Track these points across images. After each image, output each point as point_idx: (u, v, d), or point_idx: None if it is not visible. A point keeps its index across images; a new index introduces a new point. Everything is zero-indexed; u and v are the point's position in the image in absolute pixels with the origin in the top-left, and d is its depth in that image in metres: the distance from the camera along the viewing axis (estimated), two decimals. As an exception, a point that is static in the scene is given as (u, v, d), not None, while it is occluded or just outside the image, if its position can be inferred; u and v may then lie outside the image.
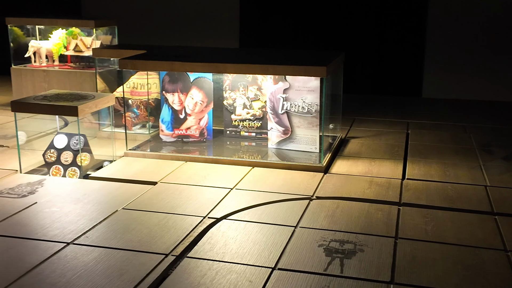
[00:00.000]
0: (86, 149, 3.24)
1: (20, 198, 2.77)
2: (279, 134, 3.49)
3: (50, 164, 3.24)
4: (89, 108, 3.14)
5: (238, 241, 2.34)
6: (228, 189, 2.95)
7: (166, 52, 3.85)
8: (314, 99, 3.37)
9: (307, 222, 2.54)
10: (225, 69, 3.31)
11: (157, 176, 3.13)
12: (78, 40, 4.62)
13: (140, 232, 2.40)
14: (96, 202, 2.74)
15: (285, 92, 3.40)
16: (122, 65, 3.38)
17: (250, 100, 3.55)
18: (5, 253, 2.19)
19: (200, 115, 3.55)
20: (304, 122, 3.42)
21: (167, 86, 3.55)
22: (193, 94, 3.51)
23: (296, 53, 4.01)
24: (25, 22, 4.89)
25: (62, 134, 3.27)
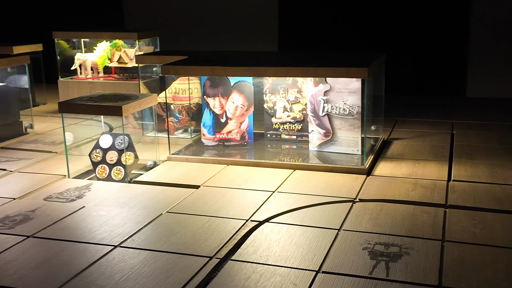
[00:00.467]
0: (130, 149, 3.31)
1: (68, 203, 2.86)
2: (320, 136, 3.48)
3: (96, 163, 3.33)
4: (133, 108, 3.21)
5: (281, 244, 2.34)
6: (270, 192, 2.96)
7: (207, 57, 3.89)
8: (356, 100, 3.34)
9: (351, 224, 2.52)
10: (265, 73, 3.32)
11: (200, 179, 3.16)
12: (122, 52, 4.74)
13: (185, 235, 2.44)
14: (141, 206, 2.80)
15: (326, 94, 3.38)
16: (164, 71, 3.44)
17: (291, 103, 3.55)
18: (56, 256, 2.26)
19: (241, 119, 3.58)
20: (346, 124, 3.39)
21: (208, 91, 3.59)
22: (233, 98, 3.54)
23: (336, 55, 3.98)
24: (71, 36, 5.05)
25: (107, 134, 3.36)
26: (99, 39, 4.93)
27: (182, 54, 3.94)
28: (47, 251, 2.30)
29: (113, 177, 3.26)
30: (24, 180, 3.21)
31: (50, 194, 2.99)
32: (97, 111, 3.24)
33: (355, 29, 5.89)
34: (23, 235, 2.45)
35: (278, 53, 5.46)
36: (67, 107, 3.24)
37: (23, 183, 3.16)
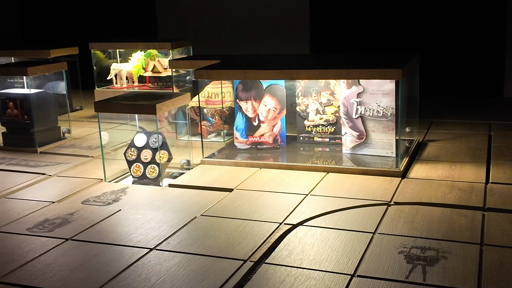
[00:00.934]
0: (164, 147, 3.36)
1: (105, 206, 2.91)
2: (353, 139, 3.44)
3: (131, 162, 3.39)
4: (167, 106, 3.25)
5: (316, 247, 2.33)
6: (303, 195, 2.95)
7: (239, 61, 3.91)
8: (390, 102, 3.29)
9: (386, 228, 2.49)
10: (298, 75, 3.31)
11: (233, 183, 3.18)
12: (156, 62, 4.82)
13: (219, 238, 2.45)
14: (176, 209, 2.83)
15: (359, 96, 3.34)
16: (197, 75, 3.48)
17: (323, 105, 3.53)
18: (94, 258, 2.31)
19: (273, 122, 3.58)
20: (379, 126, 3.35)
21: (240, 94, 3.61)
22: (266, 101, 3.54)
23: (369, 57, 3.94)
24: (107, 46, 5.18)
25: (142, 133, 3.42)
26: (134, 49, 5.03)
27: (215, 59, 3.97)
28: (85, 253, 2.35)
29: (148, 175, 3.32)
30: (63, 184, 3.29)
31: (88, 197, 3.05)
32: (131, 110, 3.30)
33: (388, 30, 5.83)
34: (62, 238, 2.51)
35: (310, 55, 5.44)
36: (103, 106, 3.31)
37: (61, 187, 3.24)
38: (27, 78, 4.06)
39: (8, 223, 2.71)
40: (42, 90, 4.19)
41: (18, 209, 2.91)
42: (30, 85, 4.06)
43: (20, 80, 4.69)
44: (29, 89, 4.04)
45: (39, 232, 2.59)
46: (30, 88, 4.05)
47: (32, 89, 4.10)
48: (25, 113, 3.97)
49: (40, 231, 2.60)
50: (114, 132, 4.32)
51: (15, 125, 4.06)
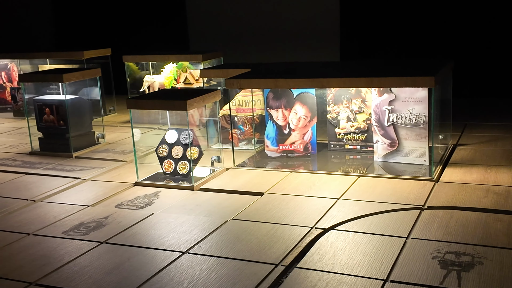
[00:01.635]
0: (195, 143, 3.39)
1: (138, 210, 2.96)
2: (385, 147, 3.39)
3: (162, 158, 3.44)
4: (197, 103, 3.29)
5: (347, 252, 2.31)
6: (335, 199, 2.94)
7: (269, 69, 3.92)
8: (422, 110, 3.23)
9: (419, 233, 2.45)
10: (328, 84, 3.30)
11: (264, 187, 3.19)
12: (188, 73, 4.88)
13: (250, 242, 2.46)
14: (208, 213, 2.85)
15: (391, 104, 3.30)
16: (228, 84, 3.51)
17: (354, 113, 3.49)
18: (127, 261, 2.34)
19: (304, 130, 3.57)
20: (412, 134, 3.29)
21: (271, 103, 3.61)
22: (296, 110, 3.53)
23: (401, 63, 3.89)
24: (140, 59, 5.28)
25: (173, 130, 3.47)
26: (166, 61, 5.11)
27: (245, 67, 3.99)
28: (119, 257, 2.39)
29: (179, 171, 3.36)
30: (97, 188, 3.36)
31: (121, 201, 3.11)
32: (163, 106, 3.35)
33: (420, 33, 5.75)
34: (96, 241, 2.57)
35: (340, 62, 5.39)
36: (135, 103, 3.37)
37: (96, 191, 3.30)
38: (62, 85, 4.15)
39: (45, 227, 2.78)
40: (77, 96, 4.29)
41: (54, 212, 2.98)
42: (65, 91, 4.15)
43: (55, 86, 4.82)
44: (65, 95, 4.13)
45: (75, 235, 2.64)
46: (66, 94, 4.14)
47: (68, 95, 4.19)
48: (61, 119, 4.06)
49: (75, 234, 2.66)
50: (146, 136, 4.38)
51: (51, 131, 4.16)
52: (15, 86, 5.91)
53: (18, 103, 5.82)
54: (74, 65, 5.59)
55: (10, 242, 2.60)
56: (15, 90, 5.85)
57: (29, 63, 5.81)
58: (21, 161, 4.04)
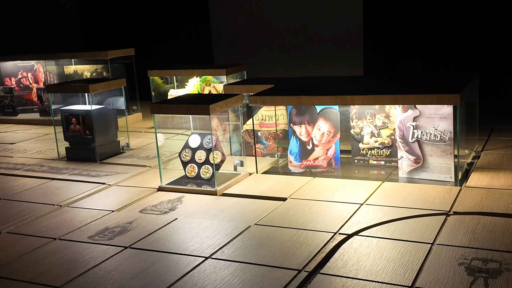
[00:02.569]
0: (217, 148, 3.40)
1: (162, 215, 2.98)
2: (410, 163, 3.33)
3: (185, 163, 3.46)
4: (220, 107, 3.30)
5: (371, 258, 2.29)
6: (358, 204, 2.91)
7: (293, 85, 3.89)
8: (447, 126, 3.16)
9: (445, 239, 2.41)
10: (352, 101, 3.28)
11: (287, 192, 3.18)
12: (211, 87, 4.92)
13: (273, 248, 2.46)
14: (231, 218, 2.86)
15: (415, 120, 3.24)
16: (252, 101, 3.53)
17: (378, 128, 3.44)
18: (151, 266, 2.36)
19: (328, 146, 3.53)
20: (437, 150, 3.22)
21: (294, 119, 3.60)
22: (320, 125, 3.51)
23: (425, 78, 3.84)
24: (165, 73, 5.35)
25: (196, 134, 3.49)
26: (190, 75, 5.16)
27: (268, 82, 4.00)
28: (144, 261, 2.41)
29: (202, 175, 3.38)
30: (122, 193, 3.39)
31: (145, 206, 3.14)
32: (186, 111, 3.38)
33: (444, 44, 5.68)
34: (121, 246, 2.59)
35: (363, 77, 5.32)
36: (159, 108, 3.41)
37: (120, 196, 3.34)
38: (88, 95, 4.22)
39: (71, 231, 2.82)
40: (103, 106, 4.35)
41: (80, 217, 3.02)
42: (91, 101, 4.22)
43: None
44: (91, 105, 4.19)
45: (100, 240, 2.68)
46: (92, 104, 4.21)
47: (94, 104, 4.25)
48: (87, 129, 4.13)
49: (100, 239, 2.70)
50: (171, 141, 4.42)
51: (77, 140, 4.23)
52: (41, 86, 6.04)
53: (44, 103, 5.94)
54: (98, 65, 5.69)
55: (37, 247, 2.65)
56: (41, 91, 5.98)
57: (55, 63, 5.93)
58: (48, 166, 4.11)
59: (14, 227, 2.93)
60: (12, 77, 6.21)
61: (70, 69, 5.87)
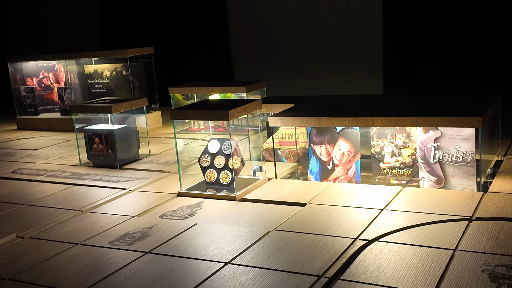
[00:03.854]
0: (236, 153, 3.41)
1: (182, 220, 2.99)
2: (431, 184, 3.27)
3: (205, 168, 3.48)
4: (239, 113, 3.31)
5: (392, 264, 2.26)
6: (379, 210, 2.89)
7: (313, 105, 3.86)
8: (470, 147, 3.10)
9: (468, 245, 2.38)
10: (373, 123, 3.27)
11: (306, 197, 3.17)
12: None
13: (293, 253, 2.45)
14: (250, 224, 2.86)
15: (437, 141, 3.20)
16: (272, 122, 3.54)
17: (399, 147, 3.39)
18: (172, 272, 2.37)
19: (348, 165, 3.50)
20: (459, 171, 3.16)
21: (314, 138, 3.58)
22: (340, 145, 3.49)
23: (447, 98, 3.78)
24: (185, 91, 5.40)
25: (215, 140, 3.50)
26: (210, 92, 5.19)
27: (288, 101, 4.00)
28: (163, 267, 2.42)
29: (221, 181, 3.39)
30: (142, 199, 3.42)
31: (165, 212, 3.15)
32: (205, 117, 3.40)
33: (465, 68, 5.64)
34: (141, 251, 2.61)
35: (383, 96, 5.24)
36: (178, 114, 3.43)
37: (141, 201, 3.37)
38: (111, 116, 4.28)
39: (92, 237, 2.85)
40: (125, 125, 4.41)
41: (101, 223, 3.05)
42: (113, 121, 4.28)
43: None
44: (113, 124, 4.26)
45: (121, 245, 2.70)
46: (114, 123, 4.27)
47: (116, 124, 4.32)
48: (110, 148, 4.19)
49: (121, 244, 2.72)
50: (191, 146, 4.45)
51: (100, 159, 4.28)
52: (62, 86, 6.14)
53: (65, 102, 6.03)
54: (118, 64, 5.76)
55: (59, 252, 2.68)
56: (62, 90, 6.07)
57: (75, 63, 6.02)
58: (69, 172, 4.17)
59: (37, 233, 2.98)
60: (33, 77, 6.32)
61: (90, 69, 5.95)
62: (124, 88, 5.76)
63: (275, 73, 6.70)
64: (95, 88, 5.90)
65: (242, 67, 7.03)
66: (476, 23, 5.51)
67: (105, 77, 5.86)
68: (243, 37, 6.95)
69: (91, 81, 5.95)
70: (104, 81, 5.85)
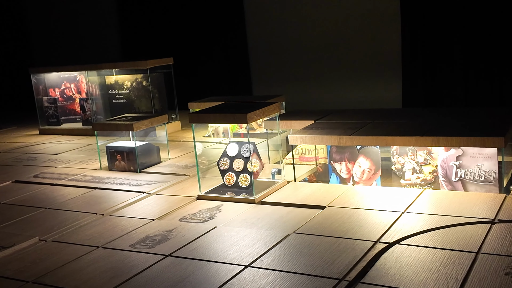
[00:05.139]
0: (255, 156, 3.41)
1: (201, 223, 3.01)
2: None
3: (223, 171, 3.49)
4: (257, 116, 3.32)
5: (413, 267, 2.24)
6: (399, 212, 2.86)
7: (332, 122, 3.83)
8: (492, 166, 3.05)
9: (490, 247, 2.34)
10: (393, 142, 3.25)
11: (325, 200, 3.16)
12: None
13: (313, 256, 2.44)
14: (269, 226, 2.85)
15: (458, 159, 3.16)
16: (292, 140, 3.54)
17: (420, 164, 3.35)
18: (192, 275, 2.38)
19: (368, 183, 3.47)
20: (481, 190, 3.09)
21: (334, 156, 3.57)
22: (360, 163, 3.47)
23: (468, 114, 3.72)
24: (204, 105, 5.42)
25: (234, 143, 3.51)
26: None
27: (308, 116, 4.01)
28: (184, 270, 2.44)
29: (240, 184, 3.40)
30: (162, 202, 3.44)
31: (185, 215, 3.17)
32: (224, 120, 3.41)
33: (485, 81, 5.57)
34: (162, 254, 2.63)
35: (403, 111, 5.15)
36: (197, 118, 3.45)
37: (160, 205, 3.39)
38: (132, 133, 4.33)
39: (113, 240, 2.88)
40: (146, 142, 4.47)
41: (122, 226, 3.08)
42: (135, 139, 4.34)
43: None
44: (135, 141, 4.32)
45: (141, 249, 2.72)
46: (136, 141, 4.33)
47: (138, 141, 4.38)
48: (131, 165, 4.24)
49: (142, 247, 2.74)
50: (209, 150, 4.46)
51: None
52: (83, 97, 6.22)
53: (86, 113, 6.11)
54: (138, 75, 5.81)
55: (81, 255, 2.72)
56: (83, 101, 6.15)
57: (96, 74, 6.10)
58: (90, 176, 4.21)
59: (59, 236, 3.02)
60: (56, 88, 6.41)
61: (111, 79, 6.02)
62: (144, 99, 5.81)
63: (294, 84, 6.75)
64: (116, 99, 5.96)
65: (261, 78, 7.11)
66: (499, 32, 5.44)
67: (125, 88, 5.92)
68: (262, 49, 7.04)
69: (112, 91, 6.01)
70: (124, 91, 5.91)
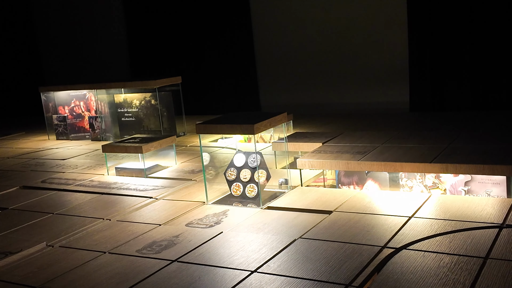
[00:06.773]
0: (262, 167, 3.41)
1: (208, 228, 3.00)
2: None
3: (230, 182, 3.48)
4: (264, 126, 3.31)
5: (420, 272, 2.23)
6: (406, 217, 2.85)
7: (340, 145, 3.82)
8: (501, 192, 3.04)
9: (499, 253, 2.32)
10: (401, 168, 3.24)
11: (332, 205, 3.15)
12: (259, 137, 4.96)
13: (319, 261, 2.43)
14: (276, 232, 2.85)
15: (467, 185, 3.15)
16: (300, 164, 3.55)
17: (428, 188, 3.34)
18: (198, 280, 2.38)
19: None
20: None
21: (342, 179, 3.56)
22: (368, 186, 3.46)
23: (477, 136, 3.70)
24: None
25: (241, 153, 3.51)
26: None
27: (315, 137, 4.02)
28: (190, 275, 2.43)
29: (247, 194, 3.39)
30: (168, 207, 3.45)
31: (191, 220, 3.17)
32: (231, 131, 3.41)
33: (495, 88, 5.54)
34: (168, 260, 2.63)
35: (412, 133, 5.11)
36: (204, 128, 3.45)
37: (167, 210, 3.39)
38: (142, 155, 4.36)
39: (120, 245, 2.88)
40: (155, 163, 4.49)
41: (128, 231, 3.09)
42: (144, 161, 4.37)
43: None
44: (143, 162, 4.36)
45: (148, 254, 2.72)
46: (144, 162, 4.37)
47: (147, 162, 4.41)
48: None
49: (148, 252, 2.74)
50: (216, 155, 4.46)
51: None
52: (92, 115, 6.25)
53: (95, 131, 6.14)
54: (147, 93, 5.84)
55: (88, 260, 2.72)
56: (93, 119, 6.18)
57: (106, 92, 6.12)
58: (97, 181, 4.23)
59: (66, 241, 3.02)
60: (65, 106, 6.46)
61: (120, 98, 6.04)
62: (153, 117, 5.83)
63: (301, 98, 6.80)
64: (124, 117, 5.99)
65: (268, 94, 7.16)
66: (506, 38, 5.42)
67: (134, 106, 5.94)
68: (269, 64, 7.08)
69: (120, 110, 6.03)
70: (133, 110, 5.93)
